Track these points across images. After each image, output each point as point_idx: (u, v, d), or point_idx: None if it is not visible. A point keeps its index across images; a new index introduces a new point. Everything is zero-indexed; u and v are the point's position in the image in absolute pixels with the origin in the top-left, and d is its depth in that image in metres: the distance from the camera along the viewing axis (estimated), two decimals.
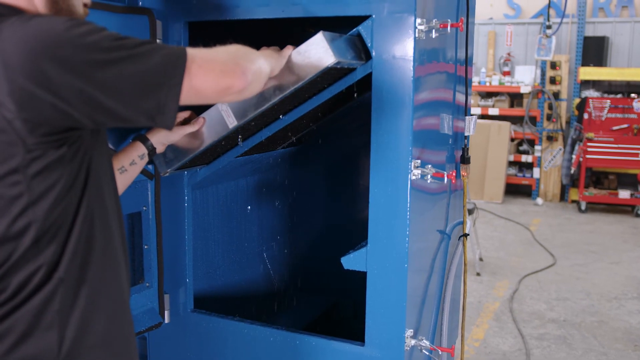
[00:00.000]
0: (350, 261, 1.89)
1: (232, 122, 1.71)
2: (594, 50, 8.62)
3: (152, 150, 1.74)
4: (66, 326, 1.19)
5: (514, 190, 9.24)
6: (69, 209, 1.18)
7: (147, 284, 2.14)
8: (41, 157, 1.11)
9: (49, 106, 1.07)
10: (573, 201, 8.70)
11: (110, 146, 1.74)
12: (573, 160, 8.29)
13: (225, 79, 1.16)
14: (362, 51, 1.77)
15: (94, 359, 1.25)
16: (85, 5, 1.32)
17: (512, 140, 9.07)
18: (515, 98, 9.13)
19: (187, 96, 1.14)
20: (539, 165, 8.88)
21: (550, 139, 8.78)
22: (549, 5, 5.47)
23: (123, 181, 1.65)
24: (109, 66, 1.07)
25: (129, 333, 1.39)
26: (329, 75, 1.76)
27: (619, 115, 8.04)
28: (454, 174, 1.90)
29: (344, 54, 1.60)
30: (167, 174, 1.89)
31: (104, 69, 1.07)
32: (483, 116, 9.01)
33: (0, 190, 1.11)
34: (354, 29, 1.78)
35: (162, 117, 1.13)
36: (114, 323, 1.31)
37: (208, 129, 1.76)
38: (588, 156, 8.11)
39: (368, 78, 1.81)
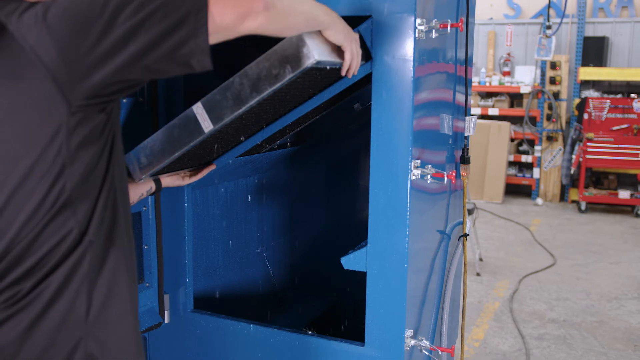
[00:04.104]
0: (350, 261, 1.89)
1: (207, 126, 1.63)
2: (594, 50, 8.62)
3: (159, 188, 1.92)
4: (94, 290, 1.22)
5: (513, 190, 9.24)
6: (98, 176, 1.22)
7: (147, 284, 2.15)
8: (82, 120, 1.15)
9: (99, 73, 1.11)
10: (573, 201, 8.71)
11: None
12: (573, 161, 8.29)
13: (242, 4, 1.13)
14: (362, 51, 1.77)
15: (123, 326, 1.29)
16: None
17: (512, 140, 9.07)
18: (515, 98, 9.13)
19: (212, 33, 1.12)
20: (539, 166, 8.88)
21: (550, 139, 8.78)
22: (548, 6, 5.47)
23: None
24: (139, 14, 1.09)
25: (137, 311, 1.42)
26: (324, 77, 1.73)
27: (619, 116, 8.04)
28: (453, 174, 1.90)
29: (326, 53, 1.48)
30: (142, 180, 1.84)
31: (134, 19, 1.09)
32: (483, 116, 9.01)
33: (45, 153, 1.14)
34: (354, 29, 1.77)
35: (197, 47, 1.11)
36: (134, 292, 1.35)
37: (182, 134, 1.68)
38: (588, 156, 8.11)
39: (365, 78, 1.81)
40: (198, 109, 1.63)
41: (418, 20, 1.72)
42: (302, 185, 3.02)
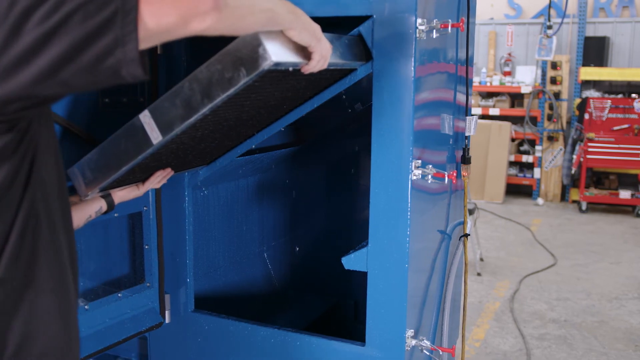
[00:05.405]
0: (351, 261, 1.89)
1: (156, 137, 1.45)
2: (595, 50, 8.62)
3: (111, 206, 1.76)
4: (7, 332, 1.06)
5: (514, 190, 9.24)
6: (10, 202, 1.04)
7: (148, 284, 2.15)
8: None
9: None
10: (574, 201, 8.70)
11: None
12: (574, 161, 8.29)
13: (185, 3, 0.93)
14: (363, 51, 1.77)
15: None
16: None
17: (513, 140, 9.07)
18: (516, 98, 9.13)
19: (146, 37, 0.93)
20: (540, 166, 8.88)
21: (550, 139, 8.78)
22: (549, 6, 5.46)
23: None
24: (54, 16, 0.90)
25: (75, 346, 1.22)
26: (289, 79, 1.59)
27: (620, 116, 8.04)
28: (454, 174, 1.90)
29: (287, 54, 1.31)
30: (88, 197, 1.67)
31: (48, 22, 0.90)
32: (484, 116, 9.01)
33: None
34: (355, 29, 1.78)
35: (126, 59, 0.92)
36: (70, 329, 1.17)
37: (129, 146, 1.52)
38: (589, 156, 8.11)
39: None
40: (145, 118, 1.46)
41: (419, 20, 1.72)
42: (303, 185, 3.02)
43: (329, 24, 1.90)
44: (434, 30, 1.78)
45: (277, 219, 2.97)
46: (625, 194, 8.10)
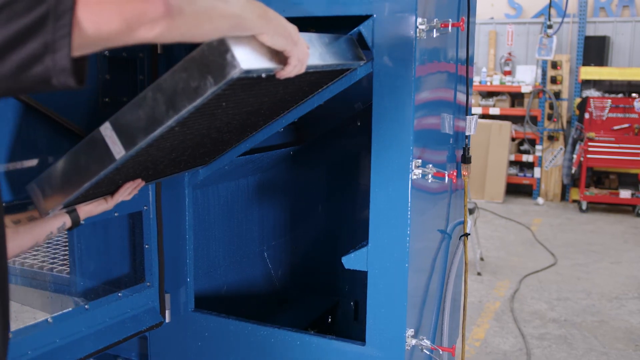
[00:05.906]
0: (351, 261, 1.89)
1: (119, 152, 1.34)
2: (595, 49, 8.62)
3: (76, 222, 1.66)
4: None
5: (514, 189, 9.24)
6: None
7: (148, 284, 2.15)
8: None
9: None
10: (574, 201, 8.71)
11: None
12: (574, 160, 8.29)
13: (131, 6, 0.81)
14: (362, 51, 1.77)
15: None
16: None
17: (513, 139, 9.07)
18: (516, 98, 9.14)
19: (84, 44, 0.81)
20: (540, 165, 8.88)
21: (551, 138, 8.78)
22: (550, 5, 5.46)
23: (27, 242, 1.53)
24: None
25: None
26: (262, 84, 1.49)
27: (620, 115, 8.04)
28: (454, 174, 1.90)
29: (259, 60, 1.18)
30: (50, 214, 1.56)
31: None
32: (484, 116, 9.01)
33: None
34: (355, 29, 1.78)
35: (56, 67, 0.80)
36: None
37: (90, 161, 1.41)
38: (589, 156, 8.11)
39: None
40: (107, 131, 1.35)
41: (419, 20, 1.72)
42: (303, 184, 3.02)
43: (330, 24, 1.90)
44: (434, 30, 1.78)
45: (277, 218, 2.97)
46: (625, 194, 8.10)
